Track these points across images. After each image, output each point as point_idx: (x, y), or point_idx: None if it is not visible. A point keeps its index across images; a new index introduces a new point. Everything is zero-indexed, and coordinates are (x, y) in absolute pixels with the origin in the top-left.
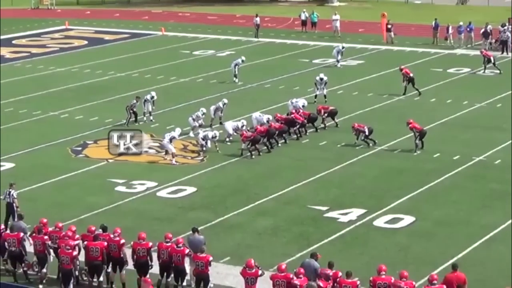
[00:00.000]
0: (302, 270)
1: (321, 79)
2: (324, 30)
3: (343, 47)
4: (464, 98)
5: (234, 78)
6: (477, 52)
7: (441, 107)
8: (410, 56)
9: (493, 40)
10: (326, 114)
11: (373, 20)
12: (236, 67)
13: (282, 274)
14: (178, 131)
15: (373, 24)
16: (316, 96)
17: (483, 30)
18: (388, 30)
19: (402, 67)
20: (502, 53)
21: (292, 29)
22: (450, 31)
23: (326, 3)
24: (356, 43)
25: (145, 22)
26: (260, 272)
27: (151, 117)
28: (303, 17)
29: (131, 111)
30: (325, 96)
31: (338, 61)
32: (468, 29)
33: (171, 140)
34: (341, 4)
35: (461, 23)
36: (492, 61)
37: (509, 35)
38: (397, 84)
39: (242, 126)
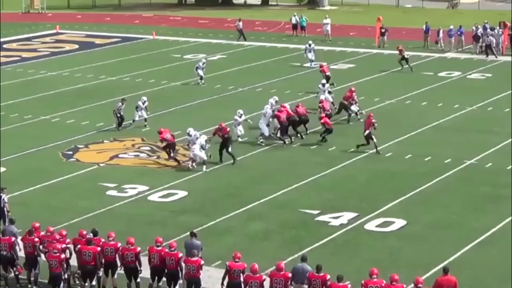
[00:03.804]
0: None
1: (323, 84)
2: (315, 34)
3: (310, 44)
4: (455, 102)
5: (200, 80)
6: (468, 56)
7: (432, 110)
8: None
9: (484, 44)
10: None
11: (364, 24)
12: (198, 70)
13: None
14: (203, 138)
15: (364, 27)
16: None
17: (474, 33)
18: (382, 34)
19: (400, 46)
20: (487, 56)
21: (283, 33)
22: (441, 34)
23: (317, 7)
24: (347, 47)
25: (136, 26)
26: (264, 277)
27: (145, 123)
28: (293, 21)
29: (118, 115)
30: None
31: (311, 61)
32: (458, 32)
33: (201, 147)
34: (332, 8)
35: (451, 27)
36: (406, 57)
37: (492, 39)
38: (388, 88)
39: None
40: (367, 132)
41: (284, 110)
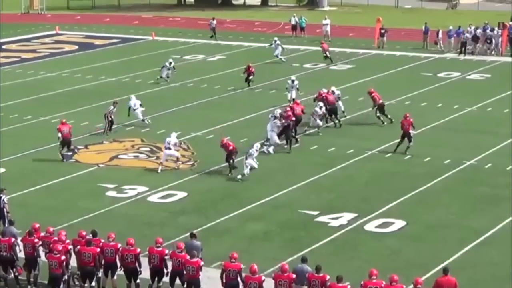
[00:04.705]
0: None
1: (293, 81)
2: (315, 34)
3: (275, 40)
4: (454, 102)
5: (161, 78)
6: (467, 56)
7: (432, 111)
8: (400, 60)
9: (461, 43)
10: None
11: (363, 25)
12: (163, 69)
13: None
14: (257, 145)
15: (364, 28)
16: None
17: (472, 34)
18: (382, 35)
19: (323, 42)
20: (460, 54)
21: (283, 33)
22: (440, 35)
23: (317, 8)
24: (347, 48)
25: (135, 27)
26: (263, 278)
27: (147, 119)
28: (293, 22)
29: (109, 119)
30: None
31: (277, 56)
32: (457, 33)
33: (250, 156)
34: (332, 9)
35: (451, 28)
36: (328, 55)
37: (468, 36)
38: (388, 89)
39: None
40: (412, 132)
41: (289, 110)
